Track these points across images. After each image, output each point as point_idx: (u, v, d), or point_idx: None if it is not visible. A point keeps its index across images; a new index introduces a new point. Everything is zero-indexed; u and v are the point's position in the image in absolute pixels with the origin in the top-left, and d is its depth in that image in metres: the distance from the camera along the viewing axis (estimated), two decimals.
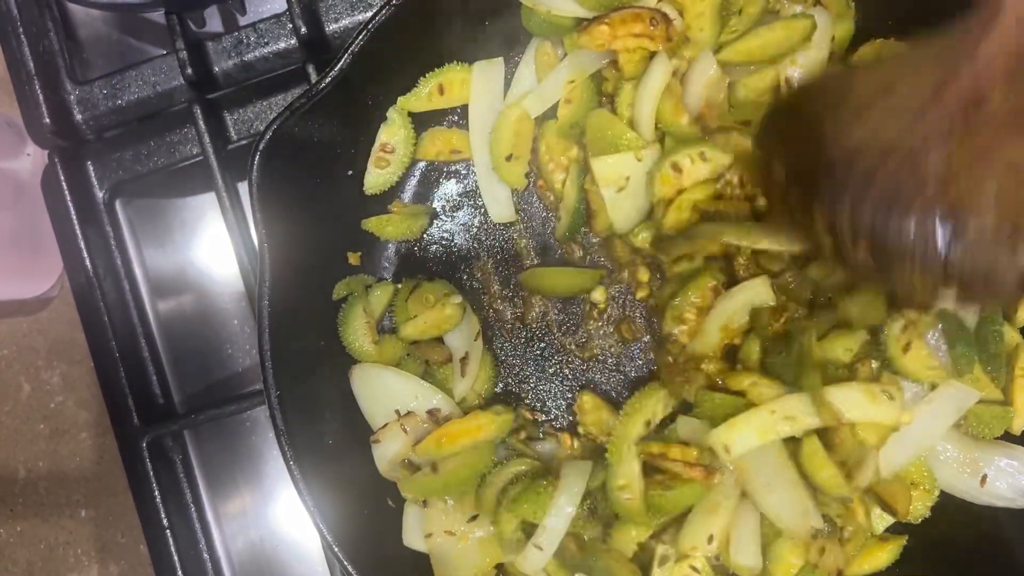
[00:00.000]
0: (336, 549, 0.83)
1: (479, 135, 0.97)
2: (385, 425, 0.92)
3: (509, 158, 0.95)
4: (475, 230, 1.00)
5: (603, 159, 0.91)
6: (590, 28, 0.88)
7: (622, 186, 0.91)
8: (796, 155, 0.67)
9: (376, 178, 0.97)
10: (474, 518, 0.90)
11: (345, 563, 0.84)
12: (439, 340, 0.96)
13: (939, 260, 0.59)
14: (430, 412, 0.92)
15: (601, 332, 0.98)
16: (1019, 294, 0.70)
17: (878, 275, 0.64)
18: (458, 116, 1.00)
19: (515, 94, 0.96)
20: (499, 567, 0.91)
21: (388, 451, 0.92)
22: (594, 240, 0.98)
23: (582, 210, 0.95)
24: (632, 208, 0.93)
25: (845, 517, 0.87)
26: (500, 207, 0.98)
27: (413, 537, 0.92)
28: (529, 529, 0.87)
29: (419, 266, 1.00)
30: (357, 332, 0.95)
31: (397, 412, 0.92)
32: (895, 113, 0.59)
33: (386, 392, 0.93)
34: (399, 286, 0.98)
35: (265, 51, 1.01)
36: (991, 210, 0.57)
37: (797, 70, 0.90)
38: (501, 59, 0.96)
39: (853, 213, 0.61)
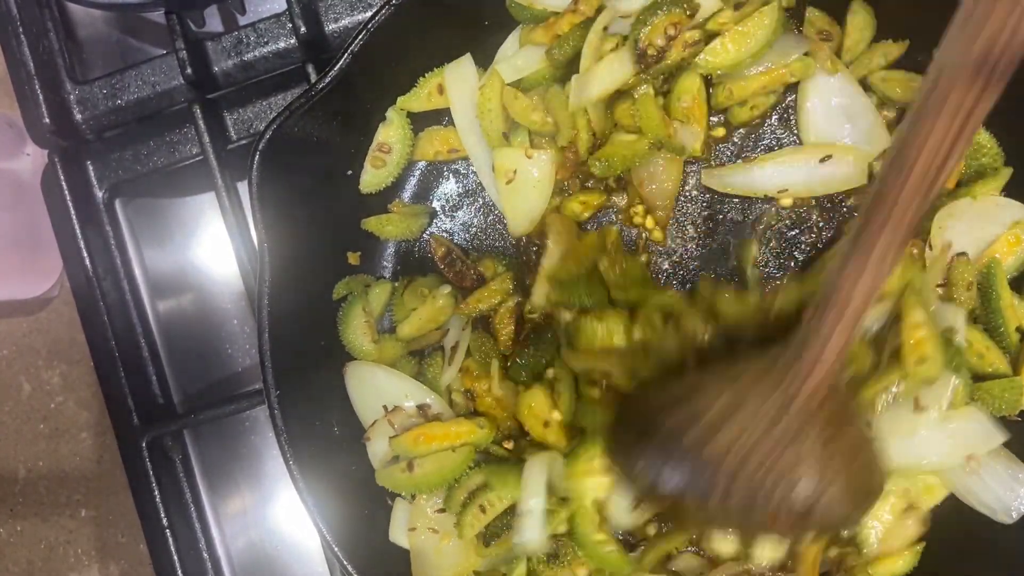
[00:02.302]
0: (336, 549, 0.83)
1: (470, 134, 0.96)
2: (374, 423, 0.92)
3: (506, 135, 0.95)
4: (475, 230, 1.00)
5: (502, 149, 0.93)
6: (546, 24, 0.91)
7: (510, 179, 0.92)
8: (655, 464, 0.75)
9: (372, 177, 0.97)
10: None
11: (345, 563, 0.84)
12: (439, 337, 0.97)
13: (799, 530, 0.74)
14: (420, 407, 0.92)
15: None
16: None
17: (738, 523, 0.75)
18: None
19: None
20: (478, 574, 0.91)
21: (380, 449, 0.92)
22: None
23: None
24: (521, 204, 0.93)
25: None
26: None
27: (398, 533, 0.92)
28: (492, 532, 0.87)
29: (419, 266, 1.00)
30: (357, 331, 0.95)
31: (385, 408, 0.92)
32: (747, 428, 0.70)
33: (377, 390, 0.93)
34: (397, 284, 0.98)
35: (265, 51, 1.01)
36: (838, 485, 0.70)
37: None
38: (468, 55, 0.95)
39: (724, 507, 0.71)
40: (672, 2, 0.87)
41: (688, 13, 0.87)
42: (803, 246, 0.95)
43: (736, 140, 0.96)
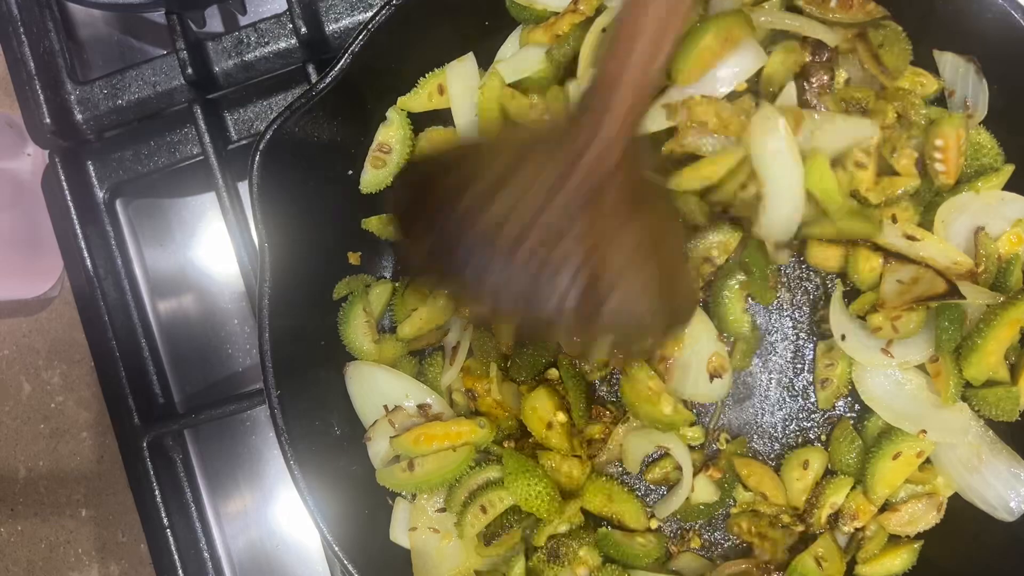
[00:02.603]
0: (336, 549, 0.84)
1: (469, 132, 0.96)
2: (375, 423, 0.92)
3: None
4: None
5: None
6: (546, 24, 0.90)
7: None
8: (433, 228, 0.68)
9: (372, 177, 0.97)
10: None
11: (345, 563, 0.84)
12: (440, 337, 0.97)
13: (590, 318, 0.63)
14: (420, 407, 0.92)
15: None
16: (658, 339, 0.75)
17: (533, 335, 0.70)
18: None
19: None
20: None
21: (381, 449, 0.92)
22: None
23: None
24: None
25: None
26: None
27: (399, 533, 0.92)
28: (493, 531, 0.87)
29: None
30: (357, 331, 0.95)
31: (385, 408, 0.92)
32: (523, 195, 0.62)
33: (377, 390, 0.93)
34: (397, 284, 0.98)
35: (265, 51, 1.01)
36: (626, 280, 0.63)
37: None
38: (471, 54, 0.96)
39: (494, 292, 0.64)
40: None
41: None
42: None
43: None
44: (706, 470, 0.92)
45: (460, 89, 0.95)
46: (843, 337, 0.88)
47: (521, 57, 0.93)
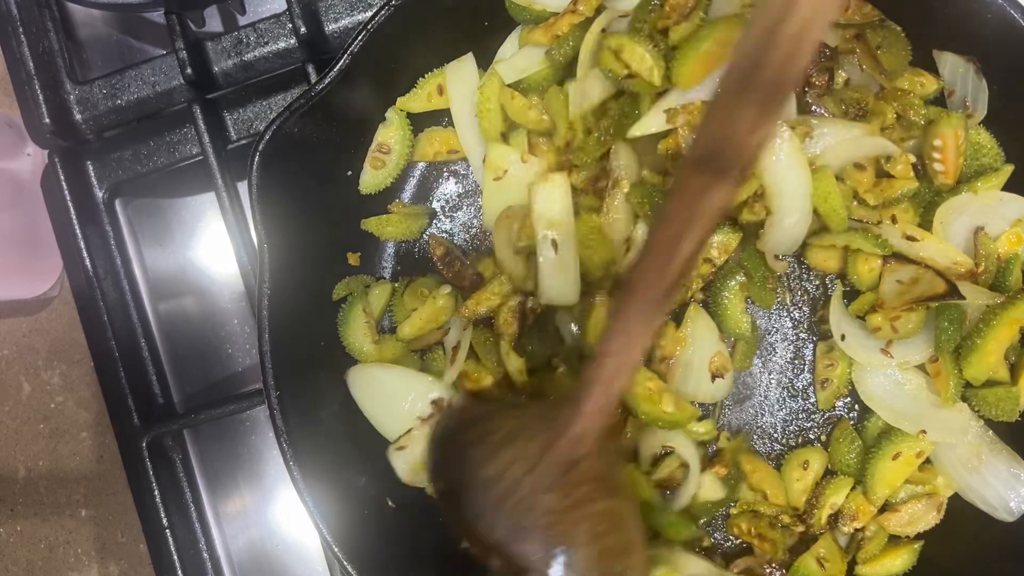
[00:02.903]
0: (336, 549, 0.84)
1: (468, 132, 0.96)
2: (408, 431, 0.92)
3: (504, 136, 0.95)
4: (475, 230, 1.00)
5: (497, 145, 0.93)
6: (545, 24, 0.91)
7: (499, 176, 0.92)
8: (452, 473, 0.82)
9: (372, 178, 0.97)
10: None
11: (345, 563, 0.84)
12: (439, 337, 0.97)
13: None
14: (434, 402, 0.92)
15: None
16: None
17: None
18: None
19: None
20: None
21: (415, 455, 0.92)
22: None
23: None
24: (503, 203, 0.93)
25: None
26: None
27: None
28: None
29: (419, 266, 1.00)
30: (357, 332, 0.94)
31: (420, 419, 0.92)
32: (517, 459, 0.75)
33: (386, 393, 0.93)
34: (396, 285, 0.98)
35: (265, 51, 1.01)
36: (587, 545, 0.74)
37: None
38: (471, 54, 0.96)
39: (486, 532, 0.76)
40: None
41: None
42: None
43: None
44: (712, 467, 0.92)
45: (459, 89, 0.95)
46: (843, 337, 0.88)
47: (520, 57, 0.93)
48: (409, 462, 0.92)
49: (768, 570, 0.91)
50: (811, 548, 0.89)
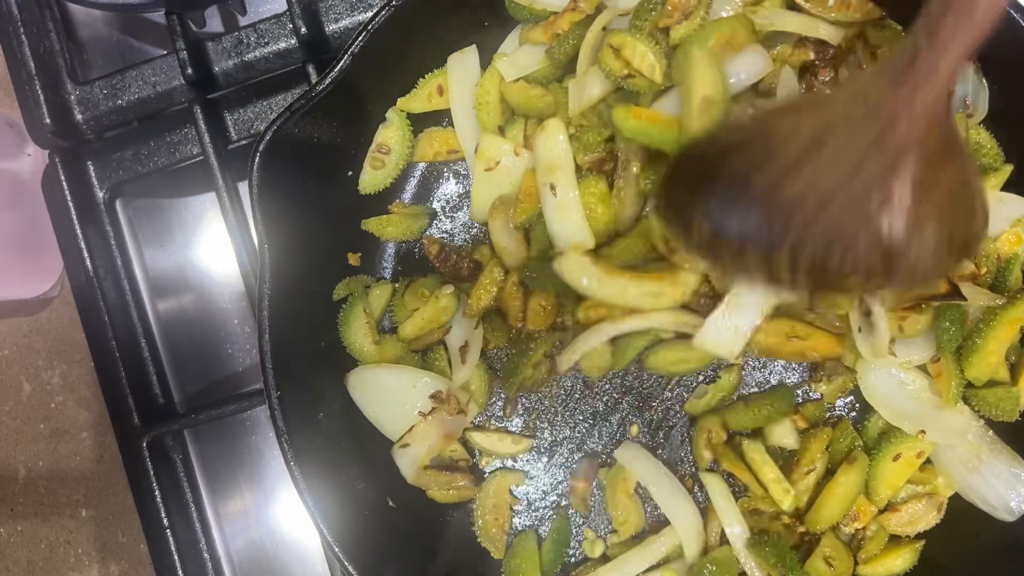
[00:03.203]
0: (336, 549, 0.84)
1: (466, 124, 0.96)
2: (411, 428, 0.92)
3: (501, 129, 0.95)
4: (475, 230, 1.00)
5: (491, 136, 0.93)
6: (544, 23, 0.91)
7: (490, 167, 0.92)
8: (719, 210, 0.68)
9: (371, 178, 0.97)
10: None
11: (345, 563, 0.84)
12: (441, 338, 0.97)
13: (885, 280, 0.64)
14: (433, 396, 0.92)
15: None
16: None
17: (810, 286, 0.66)
18: None
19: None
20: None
21: (419, 452, 0.92)
22: None
23: None
24: (493, 194, 0.93)
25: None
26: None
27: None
28: None
29: (419, 266, 1.00)
30: (358, 333, 0.95)
31: (421, 414, 0.92)
32: (833, 166, 0.60)
33: (387, 393, 0.93)
34: (397, 285, 0.98)
35: (265, 51, 1.01)
36: (934, 231, 0.61)
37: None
38: (474, 47, 0.96)
39: (794, 258, 0.63)
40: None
41: None
42: None
43: None
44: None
45: (460, 79, 0.95)
46: (859, 330, 0.87)
47: (521, 55, 0.93)
48: (413, 460, 0.92)
49: None
50: (817, 549, 0.89)
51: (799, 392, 0.94)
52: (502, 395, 0.97)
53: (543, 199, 0.89)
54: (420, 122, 0.98)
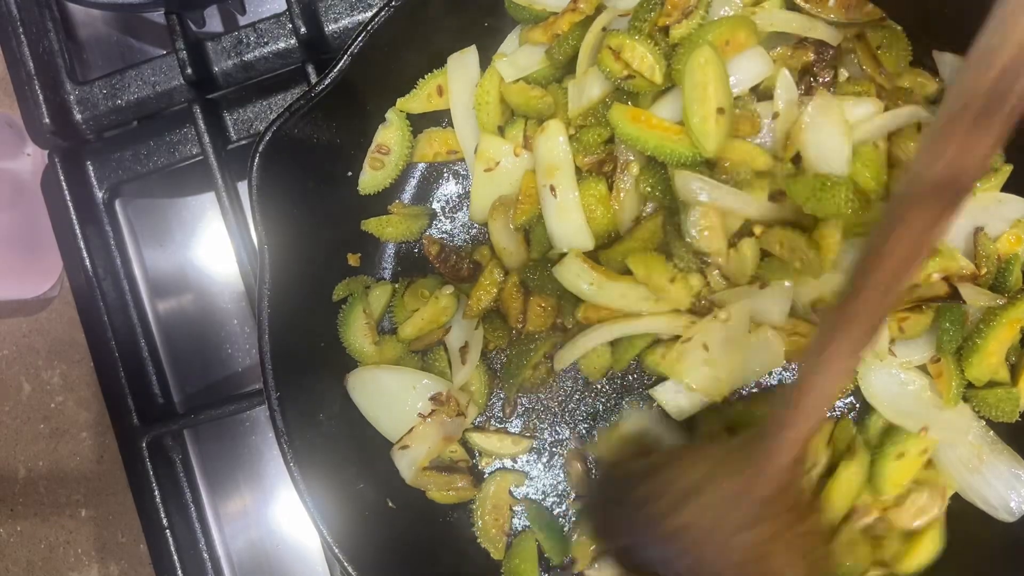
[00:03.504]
0: (336, 549, 0.84)
1: (465, 124, 0.96)
2: (411, 430, 0.92)
3: (501, 129, 0.95)
4: (475, 231, 1.00)
5: (490, 136, 0.93)
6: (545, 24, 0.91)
7: (489, 167, 0.92)
8: (626, 532, 0.79)
9: (371, 179, 0.97)
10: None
11: (345, 563, 0.84)
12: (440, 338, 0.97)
13: None
14: (433, 399, 0.92)
15: None
16: None
17: None
18: None
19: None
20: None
21: (419, 454, 0.92)
22: None
23: None
24: (492, 194, 0.93)
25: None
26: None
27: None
28: None
29: (419, 267, 1.00)
30: (357, 334, 0.95)
31: (421, 416, 0.92)
32: (707, 509, 0.73)
33: (387, 394, 0.93)
34: (396, 286, 0.98)
35: (265, 51, 1.01)
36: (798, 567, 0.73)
37: None
38: (474, 47, 0.96)
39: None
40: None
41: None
42: None
43: None
44: None
45: (460, 78, 0.95)
46: None
47: (520, 55, 0.93)
48: (412, 461, 0.92)
49: None
50: (837, 538, 0.89)
51: None
52: (502, 396, 0.97)
53: (543, 200, 0.89)
54: (420, 122, 0.98)
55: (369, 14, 0.89)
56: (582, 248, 0.88)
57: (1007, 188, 0.88)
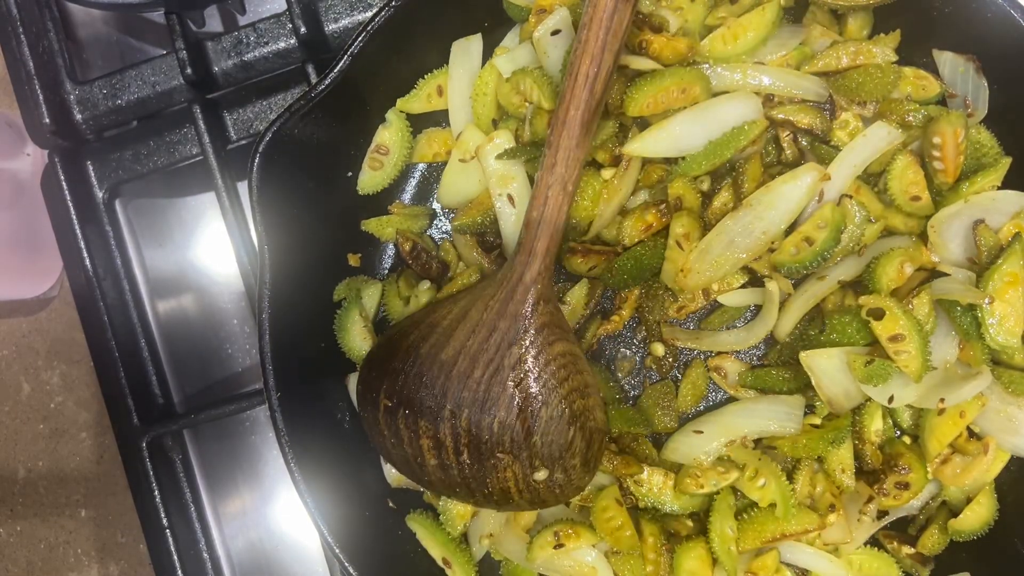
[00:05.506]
0: (336, 549, 0.84)
1: (460, 111, 0.96)
2: None
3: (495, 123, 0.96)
4: None
5: (474, 128, 0.94)
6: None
7: (465, 159, 0.94)
8: (397, 383, 0.84)
9: (370, 179, 0.97)
10: None
11: (345, 563, 0.84)
12: None
13: (527, 447, 0.80)
14: None
15: None
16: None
17: (476, 475, 0.82)
18: None
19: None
20: None
21: None
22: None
23: None
24: (463, 184, 0.95)
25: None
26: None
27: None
28: None
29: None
30: (356, 337, 0.94)
31: None
32: (475, 329, 0.81)
33: None
34: (387, 280, 0.98)
35: (265, 51, 1.01)
36: (556, 391, 0.80)
37: None
38: (479, 35, 0.96)
39: (452, 423, 0.81)
40: None
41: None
42: None
43: None
44: None
45: (462, 64, 0.95)
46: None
47: (520, 52, 0.93)
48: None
49: None
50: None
51: None
52: None
53: (499, 211, 0.92)
54: (420, 123, 0.98)
55: (369, 14, 0.89)
56: None
57: (1007, 181, 0.88)
